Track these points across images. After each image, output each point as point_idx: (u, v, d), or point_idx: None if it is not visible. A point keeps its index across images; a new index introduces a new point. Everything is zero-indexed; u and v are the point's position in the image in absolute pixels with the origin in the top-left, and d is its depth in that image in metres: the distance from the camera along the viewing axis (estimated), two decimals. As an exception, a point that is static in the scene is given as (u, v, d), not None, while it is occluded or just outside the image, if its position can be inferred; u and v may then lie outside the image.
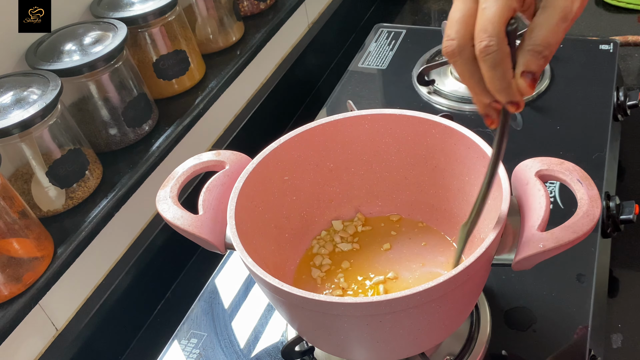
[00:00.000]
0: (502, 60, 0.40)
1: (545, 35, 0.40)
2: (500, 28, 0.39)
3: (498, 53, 0.40)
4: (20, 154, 0.67)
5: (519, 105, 0.43)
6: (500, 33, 0.40)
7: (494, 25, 0.39)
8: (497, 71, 0.41)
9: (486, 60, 0.40)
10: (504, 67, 0.41)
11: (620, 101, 0.89)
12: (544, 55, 0.41)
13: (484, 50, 0.40)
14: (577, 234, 0.49)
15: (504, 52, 0.40)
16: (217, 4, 0.92)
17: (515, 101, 0.43)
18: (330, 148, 0.64)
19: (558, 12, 0.40)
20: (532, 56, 0.41)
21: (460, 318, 0.58)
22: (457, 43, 0.41)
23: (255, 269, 0.50)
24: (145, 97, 0.81)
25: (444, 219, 0.65)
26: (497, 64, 0.40)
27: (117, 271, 0.79)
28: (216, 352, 0.67)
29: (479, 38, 0.40)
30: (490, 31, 0.39)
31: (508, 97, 0.42)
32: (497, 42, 0.40)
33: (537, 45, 0.41)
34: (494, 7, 0.39)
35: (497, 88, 0.42)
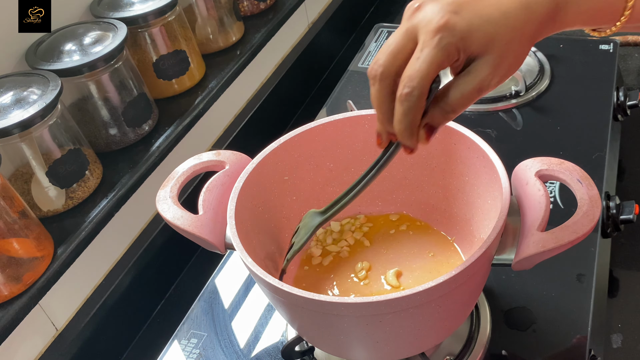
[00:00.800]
0: (416, 110, 0.43)
1: (457, 98, 0.43)
2: (425, 83, 0.42)
3: (415, 103, 0.42)
4: (20, 154, 0.67)
5: (412, 150, 0.46)
6: (424, 87, 0.42)
7: (420, 79, 0.42)
8: (408, 117, 0.43)
9: (403, 104, 0.43)
10: (414, 116, 0.43)
11: (620, 101, 0.89)
12: (449, 116, 0.44)
13: (405, 95, 0.42)
14: (577, 234, 0.49)
15: (420, 104, 0.43)
16: (217, 4, 0.92)
17: (410, 147, 0.46)
18: (330, 148, 0.64)
19: (476, 82, 0.43)
20: (439, 114, 0.44)
21: (460, 318, 0.58)
22: (382, 70, 0.44)
23: (255, 269, 0.50)
24: (145, 97, 0.81)
25: (443, 219, 0.65)
26: (410, 112, 0.43)
27: (117, 271, 0.79)
28: (216, 352, 0.67)
29: (405, 83, 0.42)
30: (416, 82, 0.42)
31: (407, 142, 0.45)
32: (418, 93, 0.42)
33: (447, 105, 0.44)
34: (426, 62, 0.41)
35: (402, 131, 0.44)
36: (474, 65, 0.43)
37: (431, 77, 0.42)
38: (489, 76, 0.43)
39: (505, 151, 0.56)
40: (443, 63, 0.42)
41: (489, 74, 0.43)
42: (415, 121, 0.44)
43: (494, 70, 0.43)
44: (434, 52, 0.41)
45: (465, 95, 0.43)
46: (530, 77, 0.94)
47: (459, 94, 0.43)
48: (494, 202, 0.56)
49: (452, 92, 0.43)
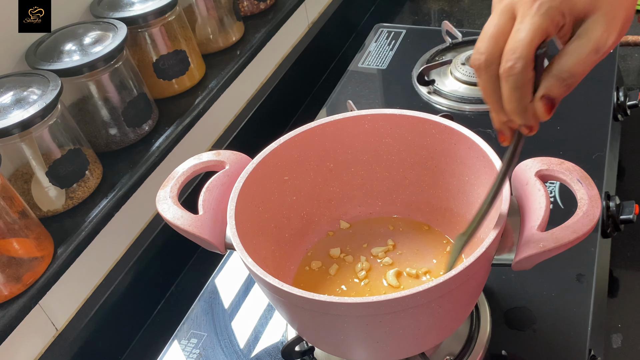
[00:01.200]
0: (524, 83, 0.40)
1: (574, 64, 0.40)
2: (529, 51, 0.39)
3: (521, 76, 0.40)
4: (20, 154, 0.67)
5: (532, 129, 0.43)
6: (527, 56, 0.39)
7: (523, 48, 0.39)
8: (516, 93, 0.41)
9: (508, 80, 0.40)
10: (523, 91, 0.41)
11: (620, 101, 0.89)
12: (567, 83, 0.41)
13: (508, 70, 0.40)
14: (577, 234, 0.49)
15: (527, 76, 0.40)
16: (217, 4, 0.92)
17: (529, 125, 0.43)
18: (330, 148, 0.64)
19: (591, 44, 0.40)
20: (556, 82, 0.41)
21: (460, 318, 0.58)
22: (485, 58, 0.41)
23: (255, 269, 0.50)
24: (145, 97, 0.81)
25: (444, 219, 0.65)
26: (518, 86, 0.40)
27: (117, 271, 0.79)
28: (216, 352, 0.67)
29: (506, 57, 0.40)
30: (518, 53, 0.39)
31: (522, 120, 0.42)
32: (523, 64, 0.40)
33: (563, 72, 0.41)
34: (528, 30, 0.39)
35: (514, 109, 0.42)
36: (584, 27, 0.40)
37: (535, 45, 0.39)
38: (605, 34, 0.40)
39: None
40: (548, 29, 0.39)
41: (604, 32, 0.40)
42: (525, 95, 0.41)
43: (608, 26, 0.40)
44: (536, 19, 0.39)
45: (582, 60, 0.40)
46: (530, 77, 0.93)
47: (574, 59, 0.40)
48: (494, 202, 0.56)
49: (566, 59, 0.40)
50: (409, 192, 0.67)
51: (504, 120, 0.44)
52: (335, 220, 0.68)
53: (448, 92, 0.94)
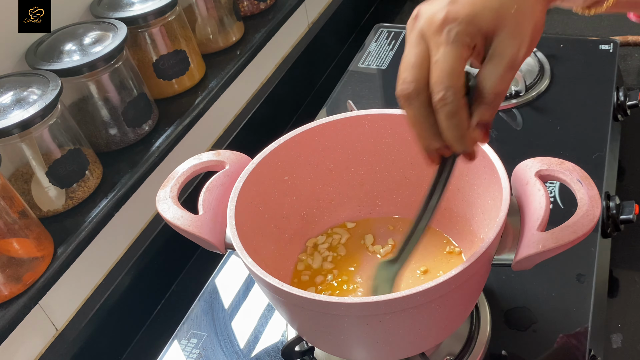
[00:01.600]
0: (458, 111, 0.41)
1: (494, 86, 0.41)
2: (455, 80, 0.40)
3: (454, 104, 0.41)
4: (20, 154, 0.67)
5: (472, 156, 0.44)
6: (456, 85, 0.40)
7: (449, 78, 0.40)
8: (453, 121, 0.41)
9: (442, 109, 0.41)
10: (460, 118, 0.41)
11: (620, 101, 0.89)
12: (495, 105, 0.42)
13: (440, 100, 0.41)
14: (577, 234, 0.49)
15: (460, 103, 0.41)
16: (217, 4, 0.92)
17: (469, 151, 0.44)
18: (330, 148, 0.64)
19: (505, 61, 0.41)
20: (485, 107, 0.42)
21: (460, 318, 0.58)
22: (414, 87, 0.42)
23: (255, 269, 0.50)
24: (145, 97, 0.81)
25: (443, 219, 0.65)
26: (453, 115, 0.41)
27: (117, 271, 0.79)
28: (216, 352, 0.67)
29: (436, 89, 0.41)
30: (446, 83, 0.40)
31: (463, 147, 0.43)
32: (453, 93, 0.40)
33: (487, 96, 0.41)
34: (445, 60, 0.40)
35: (454, 137, 0.42)
36: (494, 46, 0.41)
37: (459, 73, 0.41)
38: (515, 49, 0.41)
39: (505, 151, 0.56)
40: (463, 54, 0.40)
41: (514, 47, 0.41)
42: (463, 123, 0.42)
43: (518, 41, 0.41)
44: (450, 47, 0.40)
45: (500, 78, 0.41)
46: (530, 77, 0.94)
47: (493, 79, 0.41)
48: (494, 202, 0.56)
49: (486, 82, 0.41)
50: (409, 192, 0.67)
51: (436, 147, 0.44)
52: (335, 220, 0.68)
53: (448, 92, 0.94)
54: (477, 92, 0.42)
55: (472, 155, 0.45)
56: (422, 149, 0.45)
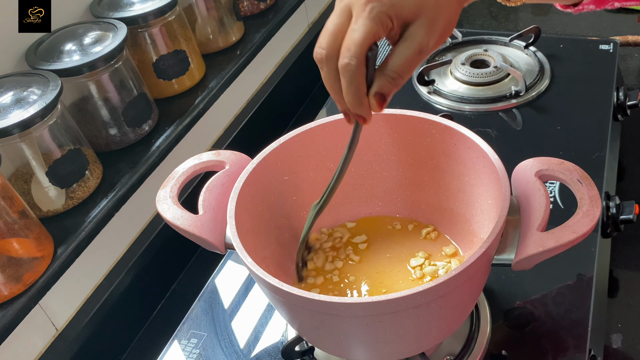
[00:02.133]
0: (357, 78, 0.45)
1: (400, 64, 0.45)
2: (361, 51, 0.44)
3: (355, 72, 0.45)
4: (20, 154, 0.67)
5: (365, 120, 0.48)
6: (360, 55, 0.44)
7: (356, 47, 0.44)
8: (352, 86, 0.46)
9: (344, 75, 0.45)
10: (357, 85, 0.46)
11: (620, 101, 0.89)
12: (396, 82, 0.46)
13: (344, 66, 0.45)
14: (577, 234, 0.49)
15: (360, 72, 0.45)
16: (217, 4, 0.92)
17: (362, 116, 0.48)
18: (330, 148, 0.64)
19: (415, 45, 0.45)
20: (386, 81, 0.46)
21: (460, 318, 0.58)
22: (326, 53, 0.46)
23: (255, 269, 0.50)
24: (145, 97, 0.81)
25: (444, 219, 0.65)
26: (352, 81, 0.45)
27: (117, 271, 0.79)
28: (216, 352, 0.67)
29: (342, 55, 0.45)
30: (352, 51, 0.44)
31: (358, 111, 0.47)
32: (356, 62, 0.44)
33: (392, 72, 0.45)
34: (360, 31, 0.44)
35: (350, 101, 0.47)
36: (409, 31, 0.45)
37: (366, 45, 0.44)
38: (426, 37, 0.45)
39: (505, 151, 0.56)
40: (378, 32, 0.44)
41: (426, 36, 0.45)
42: (360, 89, 0.46)
43: (430, 31, 0.45)
44: (367, 22, 0.44)
45: (407, 60, 0.45)
46: (530, 77, 0.94)
47: (401, 59, 0.45)
48: (494, 202, 0.56)
49: (394, 59, 0.45)
50: (409, 192, 0.67)
51: (345, 108, 0.49)
52: (335, 220, 0.68)
53: (448, 92, 0.94)
54: (382, 65, 0.46)
55: (365, 120, 0.48)
56: (340, 109, 0.50)
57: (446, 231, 0.65)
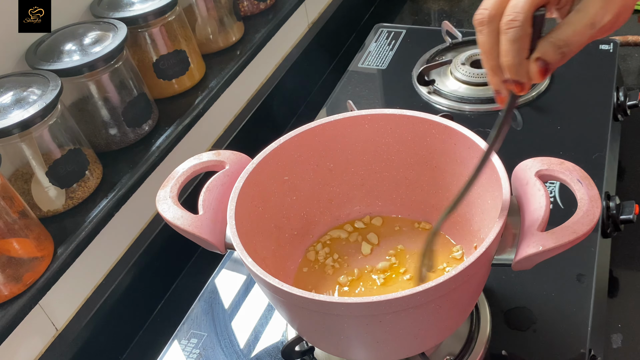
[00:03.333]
0: (522, 37, 0.43)
1: (570, 34, 0.43)
2: (528, 9, 0.42)
3: (520, 29, 0.42)
4: (20, 154, 0.67)
5: (523, 87, 0.45)
6: (527, 13, 0.42)
7: (523, 5, 0.42)
8: (514, 46, 0.43)
9: (507, 32, 0.43)
10: (521, 44, 0.43)
11: (620, 101, 0.89)
12: (562, 51, 0.43)
13: (508, 23, 0.43)
14: (577, 234, 0.49)
15: (525, 30, 0.43)
16: (217, 4, 0.92)
17: (521, 82, 0.45)
18: (330, 148, 0.64)
19: (588, 17, 0.42)
20: (552, 48, 0.43)
21: (460, 318, 0.58)
22: (488, 13, 0.44)
23: (255, 269, 0.50)
24: (145, 97, 0.81)
25: (444, 219, 0.65)
26: (516, 39, 0.43)
27: (117, 271, 0.79)
28: (216, 352, 0.67)
29: (508, 12, 0.43)
30: (519, 8, 0.42)
31: (516, 75, 0.44)
32: (522, 19, 0.42)
33: (559, 39, 0.43)
34: None
35: (509, 62, 0.44)
36: (583, 2, 0.43)
37: (534, 4, 0.42)
38: (601, 11, 0.42)
39: (505, 151, 0.56)
40: None
41: (601, 9, 0.42)
42: (522, 50, 0.43)
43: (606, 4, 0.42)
44: None
45: (578, 31, 0.43)
46: (530, 77, 0.93)
47: (571, 29, 0.43)
48: (494, 202, 0.56)
49: (564, 28, 0.43)
50: (409, 192, 0.67)
51: (501, 79, 0.46)
52: (335, 220, 0.68)
53: (448, 92, 0.94)
54: (552, 32, 0.44)
55: (524, 87, 0.46)
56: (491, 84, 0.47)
57: (446, 230, 0.65)
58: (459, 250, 0.63)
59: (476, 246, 0.61)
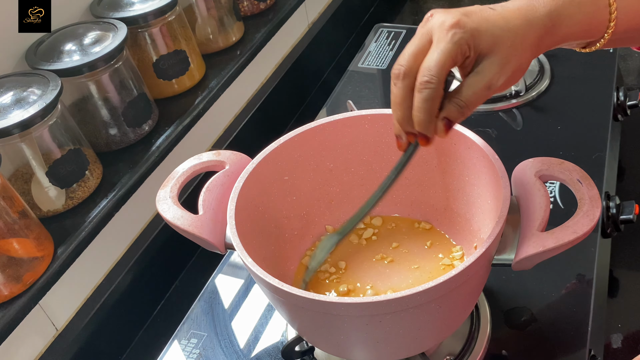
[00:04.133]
0: (435, 97, 0.47)
1: (470, 95, 0.48)
2: (442, 72, 0.46)
3: (433, 91, 0.46)
4: (20, 154, 0.67)
5: (428, 141, 0.50)
6: (441, 76, 0.46)
7: (437, 67, 0.46)
8: (427, 104, 0.47)
9: (422, 92, 0.47)
10: (433, 104, 0.47)
11: (620, 101, 0.89)
12: (463, 111, 0.48)
13: (424, 84, 0.47)
14: (577, 234, 0.49)
15: (439, 91, 0.47)
16: (217, 4, 0.92)
17: (428, 136, 0.49)
18: (330, 148, 0.64)
19: (485, 80, 0.47)
20: (454, 108, 0.48)
21: (460, 318, 0.58)
22: (404, 70, 0.48)
23: (255, 269, 0.50)
24: (145, 97, 0.81)
25: (444, 219, 0.65)
26: (429, 99, 0.47)
27: (117, 271, 0.79)
28: (216, 352, 0.67)
29: (423, 73, 0.47)
30: (433, 71, 0.46)
31: (425, 130, 0.49)
32: (436, 81, 0.46)
33: (461, 101, 0.48)
34: (442, 53, 0.46)
35: (420, 119, 0.48)
36: (482, 65, 0.47)
37: (447, 67, 0.46)
38: (496, 75, 0.47)
39: (505, 151, 0.56)
40: (457, 56, 0.46)
41: (496, 73, 0.47)
42: (434, 109, 0.47)
43: (501, 69, 0.47)
44: (449, 45, 0.46)
45: (476, 92, 0.47)
46: (530, 77, 0.94)
47: (470, 90, 0.47)
48: (494, 202, 0.56)
49: (464, 89, 0.48)
50: (409, 192, 0.67)
51: (407, 129, 0.50)
52: (335, 220, 0.68)
53: (448, 92, 0.94)
54: (455, 93, 0.48)
55: (428, 141, 0.50)
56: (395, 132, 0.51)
57: (446, 230, 0.65)
58: (459, 251, 0.63)
59: (476, 246, 0.61)
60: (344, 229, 0.58)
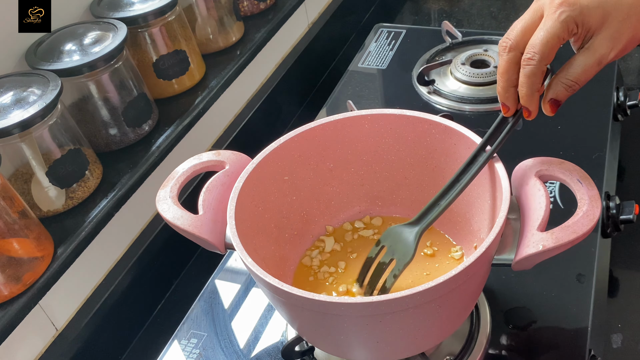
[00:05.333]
0: (537, 74, 0.49)
1: (579, 74, 0.49)
2: (545, 50, 0.47)
3: (536, 67, 0.48)
4: (20, 154, 0.67)
5: (531, 114, 0.52)
6: (544, 54, 0.48)
7: (541, 46, 0.47)
8: (529, 80, 0.49)
9: (525, 68, 0.49)
10: (535, 80, 0.49)
11: (620, 101, 0.89)
12: (572, 89, 0.49)
13: (527, 60, 0.48)
14: (577, 234, 0.49)
15: (541, 69, 0.48)
16: (217, 4, 0.92)
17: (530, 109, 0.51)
18: (330, 148, 0.64)
19: (596, 57, 0.48)
20: (563, 88, 0.49)
21: (460, 318, 0.58)
22: (511, 44, 0.50)
23: (255, 269, 0.50)
24: (145, 97, 0.81)
25: (444, 219, 0.65)
26: (531, 75, 0.49)
27: (117, 271, 0.79)
28: (216, 352, 0.67)
29: (528, 50, 0.49)
30: (537, 49, 0.48)
31: (527, 104, 0.51)
32: (540, 59, 0.48)
33: (569, 80, 0.49)
34: (548, 32, 0.47)
35: (523, 93, 0.50)
36: (592, 41, 0.48)
37: (552, 46, 0.48)
38: (607, 50, 0.47)
39: (505, 151, 0.56)
40: (563, 35, 0.47)
41: (607, 48, 0.47)
42: (536, 84, 0.49)
43: (612, 45, 0.47)
44: (556, 24, 0.47)
45: (586, 69, 0.48)
46: (530, 77, 0.93)
47: (580, 68, 0.48)
48: (494, 202, 0.56)
49: (573, 66, 0.48)
50: (409, 192, 0.67)
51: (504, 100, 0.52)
52: (335, 220, 0.68)
53: (448, 92, 0.94)
54: (562, 71, 0.49)
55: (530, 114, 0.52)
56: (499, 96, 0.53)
57: (446, 230, 0.65)
58: (459, 251, 0.63)
59: (476, 246, 0.61)
60: (424, 216, 0.55)
